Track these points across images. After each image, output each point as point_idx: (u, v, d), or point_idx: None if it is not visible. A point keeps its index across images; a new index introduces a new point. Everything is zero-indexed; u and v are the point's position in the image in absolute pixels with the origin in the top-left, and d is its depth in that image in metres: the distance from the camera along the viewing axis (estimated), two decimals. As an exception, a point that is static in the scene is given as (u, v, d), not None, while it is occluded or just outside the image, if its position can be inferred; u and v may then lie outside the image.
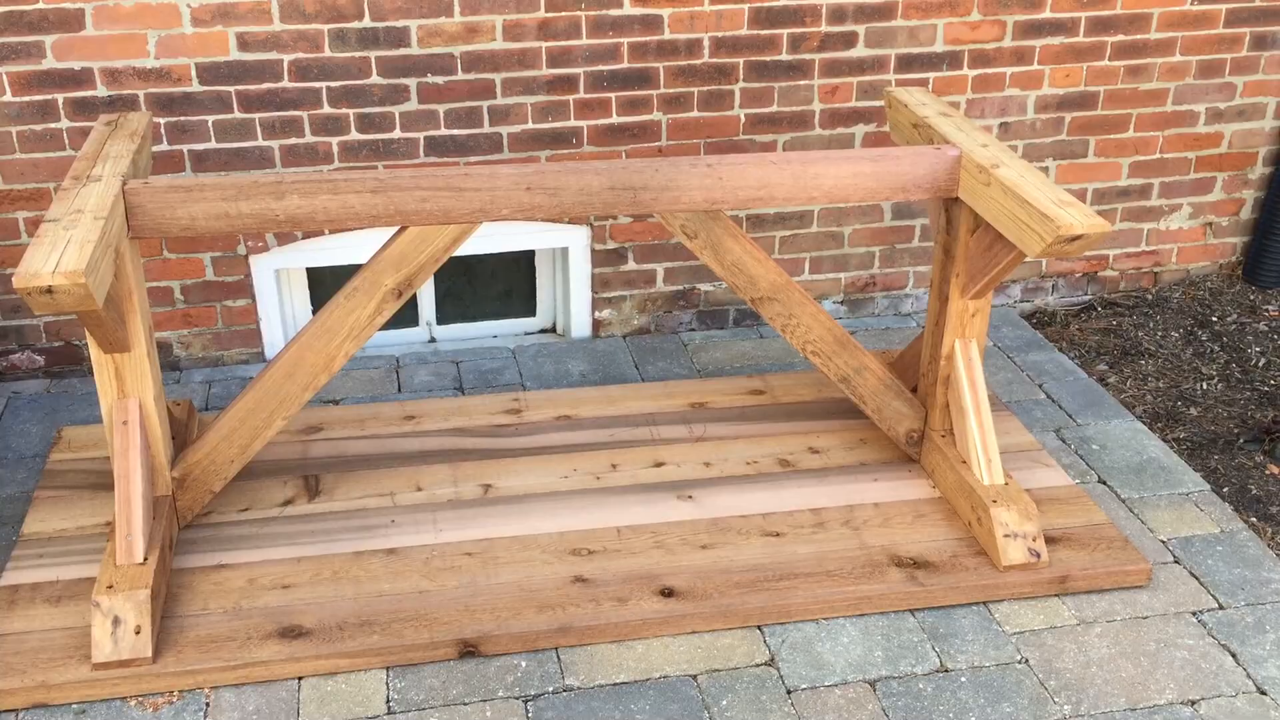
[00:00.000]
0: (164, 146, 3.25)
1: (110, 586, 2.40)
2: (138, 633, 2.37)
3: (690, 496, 2.93)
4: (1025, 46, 3.63)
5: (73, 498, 2.87)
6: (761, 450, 3.13)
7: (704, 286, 3.79)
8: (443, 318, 3.82)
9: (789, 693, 2.41)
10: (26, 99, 3.13)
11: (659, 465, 3.06)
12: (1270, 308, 4.00)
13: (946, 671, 2.47)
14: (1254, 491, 3.10)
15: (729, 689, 2.42)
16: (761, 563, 2.70)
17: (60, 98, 3.15)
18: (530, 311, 3.89)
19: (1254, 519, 2.99)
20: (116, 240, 2.35)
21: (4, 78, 3.10)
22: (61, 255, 2.13)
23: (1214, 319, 3.94)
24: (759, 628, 2.58)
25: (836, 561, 2.71)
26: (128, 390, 2.53)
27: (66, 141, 3.20)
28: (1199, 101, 3.84)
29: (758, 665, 2.48)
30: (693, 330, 3.86)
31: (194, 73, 3.19)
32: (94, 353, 2.49)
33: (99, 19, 3.08)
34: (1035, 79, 3.69)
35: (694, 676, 2.45)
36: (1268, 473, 3.17)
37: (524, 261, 3.81)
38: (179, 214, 2.45)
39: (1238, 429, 3.36)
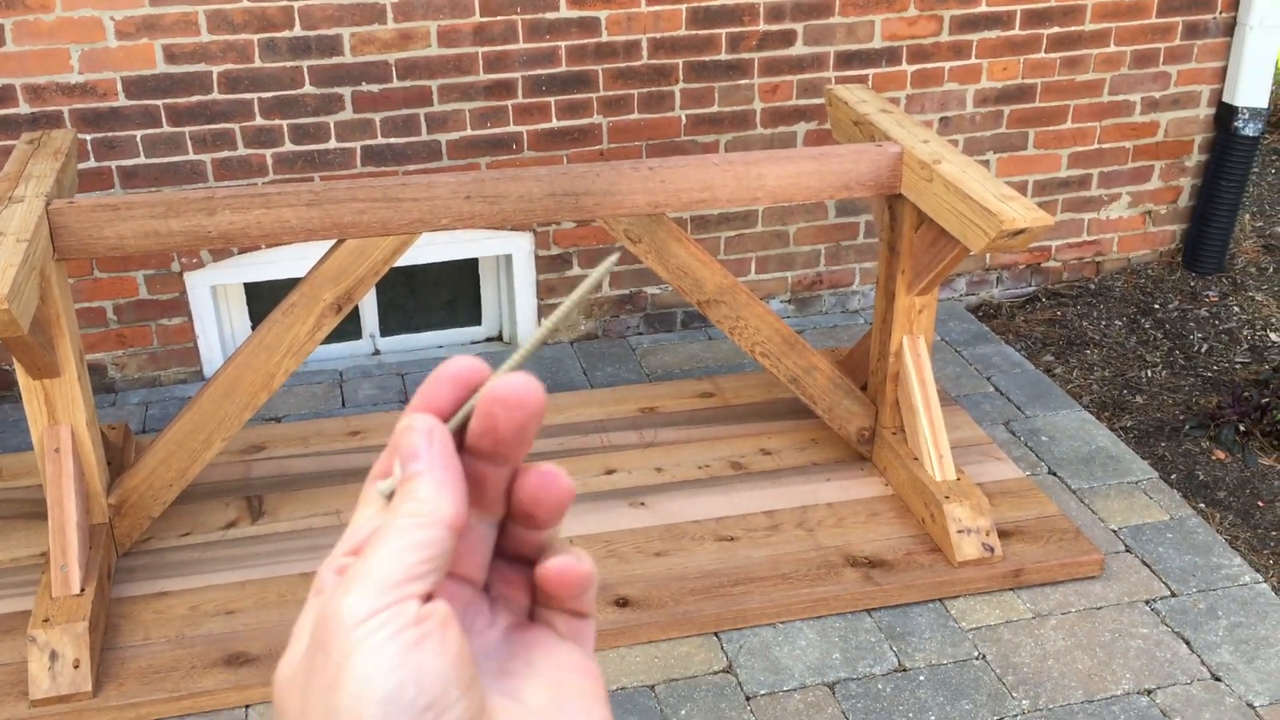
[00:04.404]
0: (91, 164, 3.17)
1: (46, 620, 2.32)
2: (76, 667, 2.30)
3: (643, 503, 2.90)
4: (962, 41, 3.64)
5: (5, 528, 2.78)
6: (713, 454, 3.11)
7: (650, 290, 3.76)
8: (386, 329, 3.76)
9: (748, 699, 2.38)
10: (-55, 118, 3.04)
11: (610, 473, 3.02)
12: (1210, 294, 4.05)
13: (905, 671, 2.46)
14: (1201, 477, 3.12)
15: (687, 698, 2.39)
16: (716, 568, 2.68)
17: (-20, 116, 3.05)
18: (475, 320, 3.84)
19: (1202, 505, 3.01)
20: (41, 263, 2.27)
21: (-80, 96, 3.00)
22: (-18, 280, 2.05)
23: (1156, 307, 3.98)
24: (716, 634, 2.55)
25: (791, 564, 2.69)
26: (58, 416, 2.45)
27: (-11, 161, 3.10)
28: (1134, 91, 3.87)
29: (715, 673, 2.45)
30: (640, 334, 3.83)
31: (120, 87, 3.10)
32: (22, 379, 2.41)
33: (19, 34, 2.99)
34: (973, 73, 3.70)
35: (651, 687, 2.42)
36: (1214, 458, 3.20)
37: (467, 270, 3.76)
38: (106, 234, 2.38)
39: (1183, 415, 3.39)
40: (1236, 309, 3.96)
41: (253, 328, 3.62)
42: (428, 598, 0.39)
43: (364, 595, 0.38)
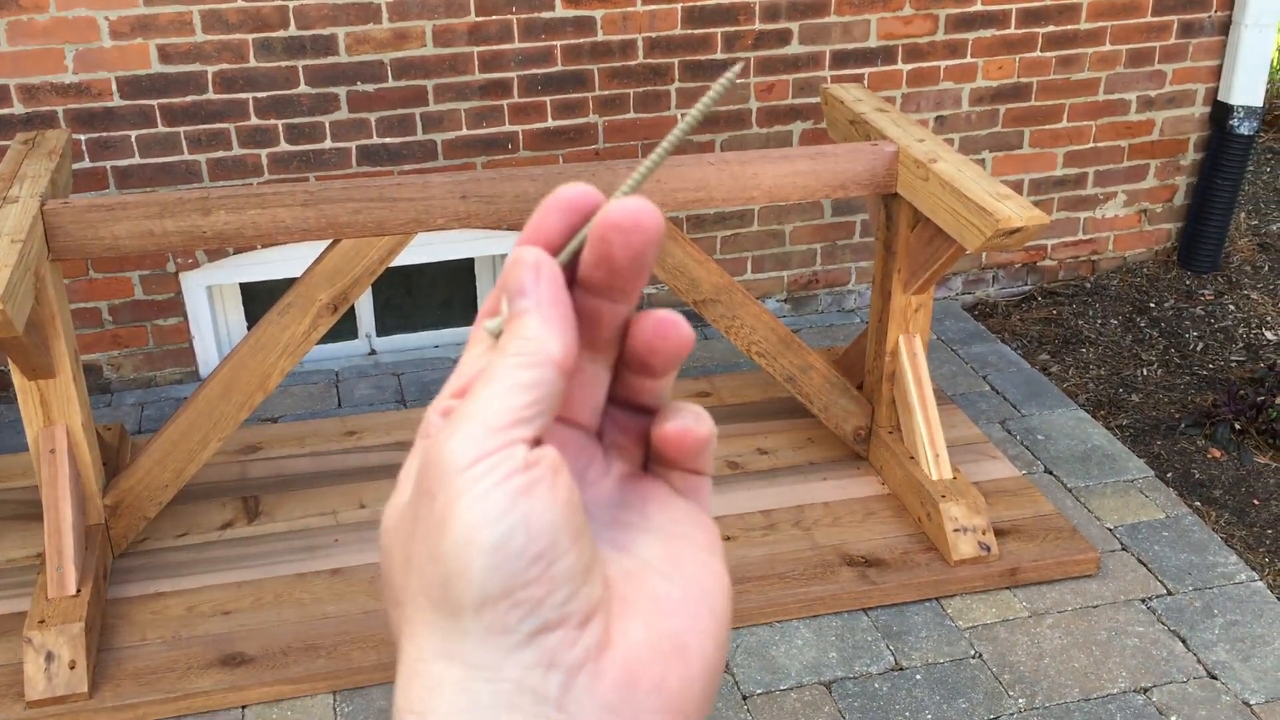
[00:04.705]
0: (86, 164, 3.16)
1: (42, 621, 2.32)
2: (72, 668, 2.29)
3: (639, 503, 2.90)
4: (958, 39, 3.64)
5: (0, 529, 2.78)
6: (709, 453, 3.10)
7: (647, 289, 3.76)
8: (383, 329, 3.76)
9: (744, 698, 2.38)
10: (-61, 118, 3.03)
11: (606, 472, 3.02)
12: (1205, 292, 4.05)
13: (901, 670, 2.46)
14: (1197, 476, 3.12)
15: (684, 698, 2.38)
16: (713, 567, 2.67)
17: (-25, 116, 3.05)
18: (472, 320, 3.83)
19: (1198, 503, 3.01)
20: (36, 263, 2.27)
21: (-85, 97, 2.99)
22: (-23, 281, 2.05)
23: (1151, 305, 3.98)
24: (712, 634, 2.55)
25: (788, 563, 2.69)
26: (54, 417, 2.45)
27: (-17, 161, 3.09)
28: (1130, 90, 3.88)
29: (712, 672, 2.45)
30: (636, 333, 3.82)
31: (114, 87, 3.10)
32: (17, 379, 2.41)
33: (13, 34, 2.98)
34: (969, 72, 3.70)
35: (648, 686, 2.42)
36: (1209, 456, 3.20)
37: (463, 269, 3.76)
38: (101, 234, 2.38)
39: (1179, 414, 3.39)
40: (1232, 307, 3.96)
41: (248, 328, 3.61)
42: (536, 442, 0.37)
43: (469, 439, 0.36)
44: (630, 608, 0.38)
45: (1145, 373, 3.62)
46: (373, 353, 3.74)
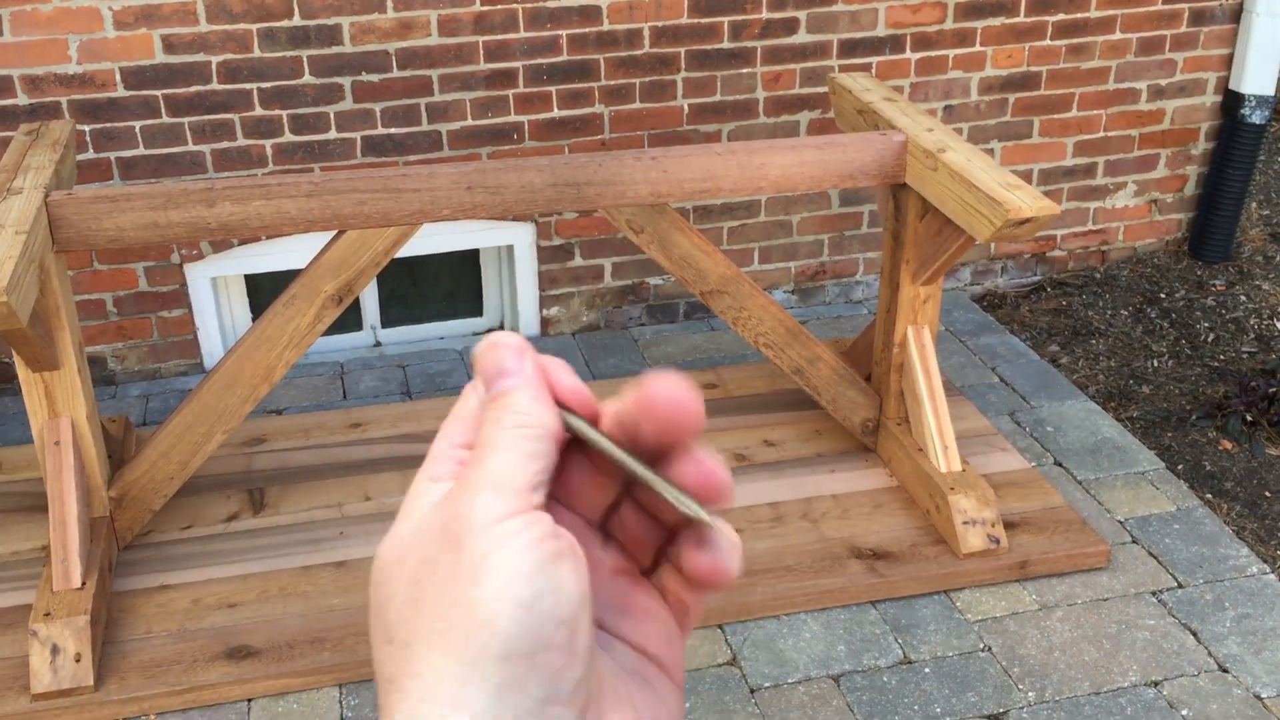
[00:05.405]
0: (90, 155, 3.15)
1: (47, 614, 2.31)
2: (78, 660, 2.29)
3: (646, 495, 2.88)
4: (967, 28, 3.61)
5: (5, 521, 2.77)
6: (716, 445, 3.09)
7: (653, 280, 3.74)
8: (387, 320, 3.75)
9: (752, 692, 2.37)
10: (-57, 109, 3.02)
11: (613, 464, 3.00)
12: (1217, 283, 4.03)
13: (910, 663, 2.45)
14: (1208, 468, 3.10)
15: (691, 691, 2.37)
16: (720, 560, 2.66)
17: (-21, 107, 3.04)
18: (477, 311, 3.82)
19: (1209, 495, 2.99)
20: (40, 255, 2.25)
21: (-82, 88, 2.98)
22: (-21, 273, 2.04)
23: (1162, 296, 3.96)
24: (720, 627, 2.54)
25: (796, 556, 2.68)
26: (59, 409, 2.44)
27: (-13, 152, 3.08)
28: (1140, 79, 3.84)
29: (719, 665, 2.44)
30: (643, 325, 3.81)
31: (118, 77, 3.08)
32: (22, 371, 2.40)
33: (16, 25, 2.97)
34: (978, 60, 3.67)
35: (655, 680, 2.40)
36: (1221, 448, 3.18)
37: (469, 260, 3.74)
38: (106, 225, 2.36)
39: (1190, 405, 3.37)
40: (1243, 298, 3.93)
41: (253, 319, 3.60)
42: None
43: (495, 497, 0.38)
44: (618, 703, 0.40)
45: (1156, 364, 3.59)
46: (378, 344, 3.72)
